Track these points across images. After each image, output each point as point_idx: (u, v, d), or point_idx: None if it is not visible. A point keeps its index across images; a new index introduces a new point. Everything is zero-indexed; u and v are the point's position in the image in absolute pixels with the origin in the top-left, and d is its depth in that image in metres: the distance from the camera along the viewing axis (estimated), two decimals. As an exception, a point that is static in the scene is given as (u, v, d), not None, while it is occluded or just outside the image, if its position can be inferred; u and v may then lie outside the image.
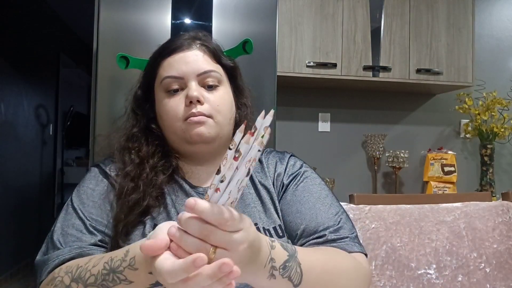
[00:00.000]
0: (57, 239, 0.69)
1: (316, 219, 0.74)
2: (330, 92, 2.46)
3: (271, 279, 0.52)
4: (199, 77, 0.76)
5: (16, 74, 3.48)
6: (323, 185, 0.82)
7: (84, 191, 0.75)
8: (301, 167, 0.84)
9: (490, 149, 2.42)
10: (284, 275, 0.53)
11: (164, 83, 0.76)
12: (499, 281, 1.17)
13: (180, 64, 0.76)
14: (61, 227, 0.71)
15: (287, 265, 0.54)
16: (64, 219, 0.72)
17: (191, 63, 0.76)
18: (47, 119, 4.20)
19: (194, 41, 0.79)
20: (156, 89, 0.79)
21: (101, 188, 0.76)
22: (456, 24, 2.29)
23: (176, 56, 0.77)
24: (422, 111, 2.62)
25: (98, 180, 0.77)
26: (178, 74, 0.76)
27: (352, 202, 1.22)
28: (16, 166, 3.47)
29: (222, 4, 1.58)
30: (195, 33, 0.82)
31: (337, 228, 0.73)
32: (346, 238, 0.72)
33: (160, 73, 0.78)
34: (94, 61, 1.51)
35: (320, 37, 2.12)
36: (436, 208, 1.23)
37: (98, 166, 0.80)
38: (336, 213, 0.76)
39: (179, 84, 0.76)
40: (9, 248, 3.36)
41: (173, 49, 0.78)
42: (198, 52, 0.78)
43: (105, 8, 1.50)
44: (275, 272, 0.52)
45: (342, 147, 2.50)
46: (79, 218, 0.71)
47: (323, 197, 0.78)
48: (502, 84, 2.62)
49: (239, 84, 0.85)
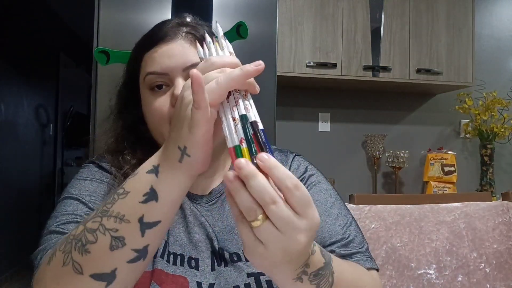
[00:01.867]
0: (55, 228, 0.59)
1: (322, 233, 0.66)
2: (330, 92, 2.46)
3: (296, 282, 0.45)
4: (186, 71, 0.65)
5: (16, 74, 3.48)
6: (329, 191, 0.73)
7: (87, 183, 0.66)
8: (306, 171, 0.75)
9: (490, 149, 2.42)
10: (313, 281, 0.46)
11: (147, 80, 0.67)
12: (499, 281, 1.17)
13: (163, 58, 0.66)
14: (58, 217, 0.60)
15: (320, 272, 0.47)
16: (60, 209, 0.62)
17: (176, 56, 0.66)
18: (47, 119, 4.20)
19: (179, 28, 0.69)
20: (141, 86, 0.70)
21: (103, 181, 0.68)
22: (456, 24, 2.29)
23: (159, 49, 0.67)
24: (422, 111, 2.62)
25: (99, 173, 0.69)
26: (161, 70, 0.66)
27: (352, 202, 1.22)
28: (16, 166, 3.47)
29: (222, 4, 1.58)
30: (181, 18, 0.72)
31: (346, 242, 0.66)
32: (357, 254, 0.65)
33: (143, 68, 0.69)
34: (94, 61, 1.51)
35: (320, 37, 2.12)
36: (436, 208, 1.23)
37: (93, 162, 0.72)
38: (344, 224, 0.68)
39: (163, 80, 0.66)
40: (9, 248, 3.36)
41: (156, 41, 0.68)
42: (183, 42, 0.67)
43: (105, 8, 1.50)
44: (304, 276, 0.45)
45: (342, 147, 2.50)
46: (83, 203, 0.62)
47: (328, 206, 0.70)
48: (502, 84, 2.62)
49: None
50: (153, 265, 0.63)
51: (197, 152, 0.45)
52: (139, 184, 0.47)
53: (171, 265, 0.63)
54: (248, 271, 0.64)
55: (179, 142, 0.45)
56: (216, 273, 0.64)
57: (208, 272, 0.64)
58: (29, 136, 3.76)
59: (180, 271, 0.63)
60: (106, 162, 0.71)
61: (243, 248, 0.42)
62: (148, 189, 0.46)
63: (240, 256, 0.66)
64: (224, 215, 0.69)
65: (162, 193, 0.46)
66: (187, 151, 0.45)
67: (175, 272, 0.63)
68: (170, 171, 0.46)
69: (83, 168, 0.71)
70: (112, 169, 0.69)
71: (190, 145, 0.45)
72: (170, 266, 0.63)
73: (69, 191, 0.65)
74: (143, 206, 0.46)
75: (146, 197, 0.46)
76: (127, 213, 0.46)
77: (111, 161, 0.70)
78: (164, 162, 0.47)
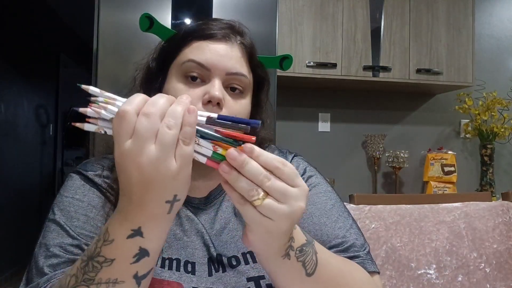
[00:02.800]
0: (43, 265, 0.57)
1: (321, 236, 0.65)
2: (330, 92, 2.46)
3: (285, 259, 0.48)
4: (228, 76, 0.65)
5: (16, 74, 3.48)
6: (329, 192, 0.72)
7: (70, 202, 0.63)
8: (305, 172, 0.74)
9: (490, 149, 2.42)
10: (300, 258, 0.49)
11: (185, 66, 0.64)
12: (499, 281, 1.17)
13: (212, 54, 0.64)
14: (46, 249, 0.59)
15: (304, 248, 0.50)
16: (48, 239, 0.60)
17: (226, 58, 0.65)
18: (47, 119, 4.20)
19: (235, 35, 0.68)
20: (172, 69, 0.67)
21: (90, 199, 0.64)
22: (456, 24, 2.29)
23: (211, 44, 0.65)
24: (422, 111, 2.62)
25: (85, 189, 0.65)
26: (206, 63, 0.64)
27: (352, 202, 1.22)
28: (16, 166, 3.47)
29: (222, 4, 1.58)
30: (234, 23, 0.71)
31: (346, 246, 0.65)
32: (357, 258, 0.64)
33: (185, 53, 0.66)
34: (94, 61, 1.51)
35: (320, 37, 2.12)
36: (436, 208, 1.23)
37: (79, 173, 0.68)
38: (345, 227, 0.67)
39: (201, 73, 0.64)
40: (9, 248, 3.36)
41: (210, 35, 0.66)
42: (236, 50, 0.67)
43: (105, 8, 1.50)
44: (291, 252, 0.48)
45: (342, 147, 2.50)
46: (69, 236, 0.59)
47: (328, 208, 0.69)
48: (502, 84, 2.62)
49: (261, 98, 0.75)
50: None
51: (185, 190, 0.45)
52: (123, 249, 0.45)
53: (166, 270, 0.62)
54: (248, 275, 0.63)
55: (166, 195, 0.43)
56: (214, 279, 0.63)
57: (205, 277, 0.63)
58: (29, 136, 3.76)
59: (176, 276, 0.62)
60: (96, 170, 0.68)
61: (246, 231, 0.46)
62: (137, 251, 0.45)
63: (239, 259, 0.65)
64: (222, 216, 0.69)
65: (152, 247, 0.46)
66: (177, 197, 0.44)
67: (170, 278, 0.61)
68: (157, 227, 0.45)
69: (68, 179, 0.69)
70: (98, 180, 0.66)
71: (180, 190, 0.44)
72: (166, 271, 0.62)
73: (54, 211, 0.64)
74: (136, 265, 0.46)
75: (137, 257, 0.45)
76: (119, 276, 0.46)
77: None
78: (148, 223, 0.45)
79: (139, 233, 0.45)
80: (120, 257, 0.45)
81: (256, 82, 0.72)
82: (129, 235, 0.45)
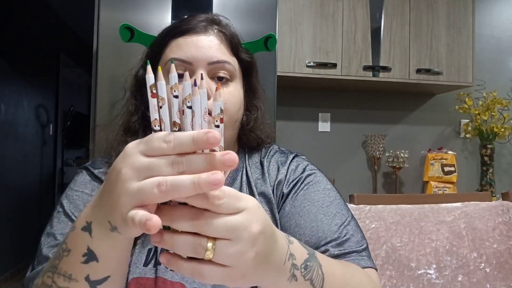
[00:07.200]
0: (49, 253, 0.58)
1: (317, 232, 0.64)
2: (330, 92, 2.46)
3: (292, 281, 0.43)
4: (210, 66, 0.66)
5: (16, 74, 3.48)
6: (328, 190, 0.71)
7: (78, 196, 0.65)
8: (304, 171, 0.73)
9: (490, 149, 2.42)
10: (306, 276, 0.44)
11: (168, 66, 0.65)
12: (499, 281, 1.17)
13: (190, 48, 0.66)
14: (53, 238, 0.60)
15: (308, 264, 0.45)
16: (56, 229, 0.61)
17: (204, 48, 0.66)
18: (47, 119, 4.20)
19: (212, 25, 0.69)
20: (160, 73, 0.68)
21: (91, 194, 0.66)
22: (456, 24, 2.29)
23: (188, 39, 0.67)
24: (422, 111, 2.62)
25: (93, 186, 0.67)
26: (186, 58, 0.65)
27: (352, 202, 1.22)
28: (16, 166, 3.47)
29: (222, 4, 1.58)
30: (213, 15, 0.72)
31: (342, 241, 0.64)
32: (352, 253, 0.63)
33: (166, 54, 0.68)
34: (94, 61, 1.51)
35: (320, 37, 2.12)
36: (436, 208, 1.23)
37: (87, 169, 0.70)
38: (342, 223, 0.66)
39: (185, 69, 0.64)
40: (9, 248, 3.36)
41: (185, 30, 0.68)
42: (214, 38, 0.68)
43: (105, 8, 1.50)
44: (296, 272, 0.43)
45: (342, 147, 2.50)
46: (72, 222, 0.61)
47: (326, 205, 0.68)
48: (502, 84, 2.62)
49: (253, 82, 0.75)
50: (156, 273, 0.63)
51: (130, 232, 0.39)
52: (76, 241, 0.43)
53: (169, 271, 0.63)
54: None
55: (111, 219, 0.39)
56: None
57: None
58: (29, 136, 3.76)
59: (178, 277, 0.63)
60: (103, 167, 0.69)
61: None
62: (85, 250, 0.42)
63: None
64: None
65: (100, 254, 0.42)
66: (118, 230, 0.39)
67: (173, 279, 0.63)
68: (104, 235, 0.41)
69: (77, 174, 0.70)
70: (104, 177, 0.65)
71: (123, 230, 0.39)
72: (169, 271, 0.63)
73: (63, 204, 0.65)
74: (86, 266, 0.43)
75: (85, 258, 0.43)
76: (73, 273, 0.44)
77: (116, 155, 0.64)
78: (95, 224, 0.41)
79: (89, 229, 0.42)
80: (73, 250, 0.44)
81: (244, 68, 0.73)
82: (83, 227, 0.42)
